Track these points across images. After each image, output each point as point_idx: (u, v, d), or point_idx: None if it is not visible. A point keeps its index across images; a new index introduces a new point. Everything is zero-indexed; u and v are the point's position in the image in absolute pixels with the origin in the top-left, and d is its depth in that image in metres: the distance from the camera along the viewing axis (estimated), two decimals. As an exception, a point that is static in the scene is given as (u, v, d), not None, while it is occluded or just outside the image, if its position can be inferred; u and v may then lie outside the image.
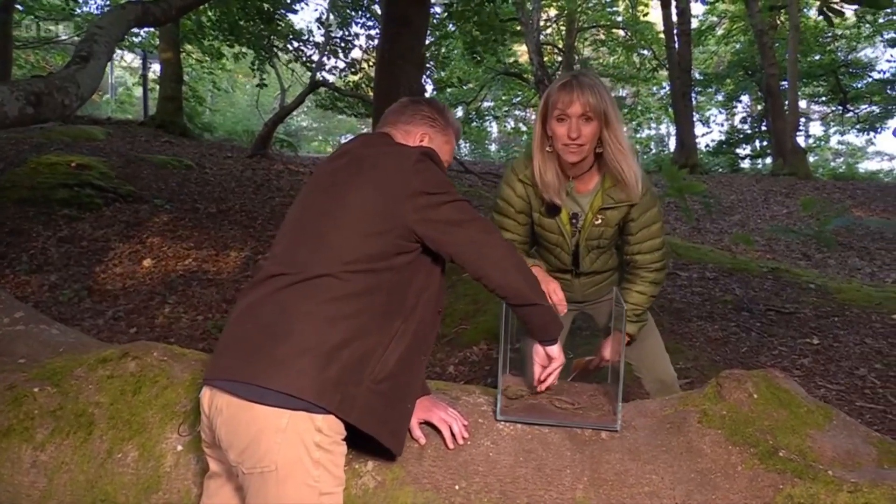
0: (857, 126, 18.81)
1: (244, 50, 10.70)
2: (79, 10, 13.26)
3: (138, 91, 18.26)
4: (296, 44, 11.42)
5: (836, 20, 3.78)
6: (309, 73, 11.56)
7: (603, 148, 1.87)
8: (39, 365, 1.84)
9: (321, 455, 1.31)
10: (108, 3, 13.14)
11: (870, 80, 18.07)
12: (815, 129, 24.26)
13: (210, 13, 10.00)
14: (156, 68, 14.66)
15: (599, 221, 1.97)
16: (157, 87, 12.96)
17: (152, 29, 9.89)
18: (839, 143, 23.76)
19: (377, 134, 1.66)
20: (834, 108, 19.66)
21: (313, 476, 1.30)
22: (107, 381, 1.77)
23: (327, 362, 1.31)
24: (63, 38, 14.76)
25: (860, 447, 1.53)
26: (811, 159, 17.44)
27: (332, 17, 11.48)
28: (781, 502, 1.42)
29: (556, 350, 1.63)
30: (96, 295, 4.84)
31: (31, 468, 1.64)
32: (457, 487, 1.55)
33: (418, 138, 1.64)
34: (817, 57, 17.74)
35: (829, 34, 17.93)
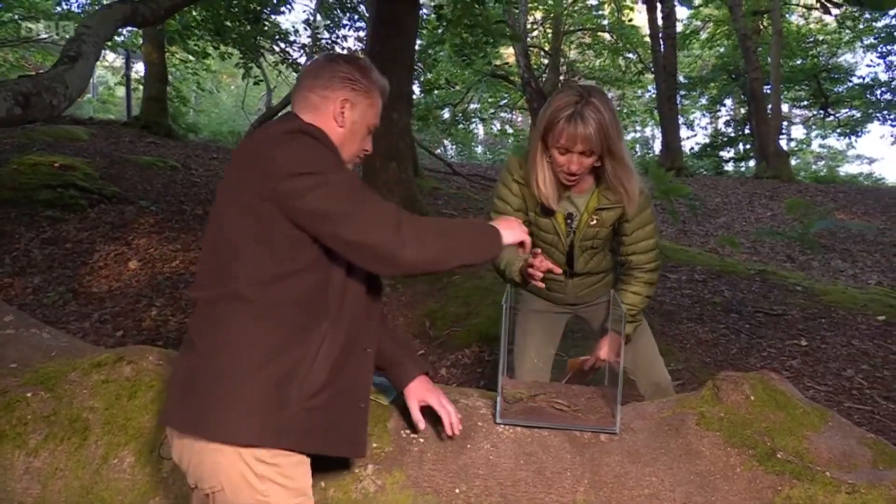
0: (838, 130, 19.11)
1: (230, 50, 10.60)
2: (59, 9, 13.10)
3: (120, 91, 18.04)
4: (282, 45, 11.37)
5: (833, 11, 3.84)
6: (295, 74, 11.52)
7: (603, 168, 1.90)
8: (32, 369, 1.82)
9: (264, 469, 1.27)
10: (89, 2, 13.01)
11: (850, 84, 18.35)
12: (797, 132, 24.62)
13: (196, 13, 9.92)
14: (138, 68, 14.52)
15: (595, 222, 1.99)
16: (140, 86, 12.82)
17: (136, 28, 9.79)
18: (820, 146, 24.13)
19: (279, 117, 1.49)
20: (815, 112, 19.94)
21: (260, 490, 1.26)
22: (101, 386, 1.75)
23: (245, 393, 1.24)
24: (43, 36, 14.55)
25: (855, 448, 1.56)
26: (793, 162, 17.66)
27: (319, 17, 11.45)
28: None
29: (516, 235, 1.46)
30: (82, 297, 4.78)
31: (25, 474, 1.62)
32: (457, 491, 1.55)
33: (339, 105, 1.42)
34: (799, 61, 18.00)
35: (811, 39, 18.22)
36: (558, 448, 1.61)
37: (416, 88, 13.76)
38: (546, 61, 18.42)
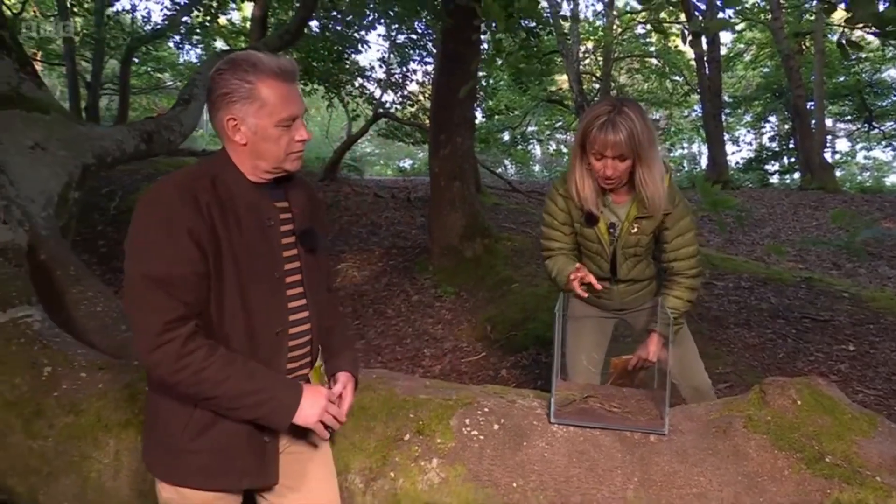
0: (884, 142, 17.77)
1: (315, 86, 10.97)
2: (182, 60, 13.99)
3: (227, 126, 18.89)
4: (360, 80, 11.65)
5: (853, 52, 3.59)
6: (371, 106, 11.77)
7: (633, 174, 1.86)
8: (151, 366, 1.91)
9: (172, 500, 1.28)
10: (205, 53, 13.81)
11: (894, 98, 17.06)
12: (842, 145, 23.05)
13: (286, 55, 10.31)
14: (241, 105, 15.20)
15: (636, 230, 1.94)
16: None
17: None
18: (865, 158, 22.47)
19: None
20: (859, 126, 18.63)
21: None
22: (207, 381, 1.81)
23: (153, 443, 1.25)
24: (168, 83, 15.57)
25: (907, 455, 1.42)
26: (838, 174, 16.54)
27: (392, 55, 11.68)
28: (829, 507, 1.33)
29: (311, 414, 1.20)
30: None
31: (145, 457, 1.70)
32: (514, 485, 1.52)
33: (229, 127, 1.18)
34: (842, 78, 16.90)
35: (854, 56, 17.06)
36: (609, 447, 1.55)
37: (478, 114, 13.82)
38: (597, 86, 18.06)
